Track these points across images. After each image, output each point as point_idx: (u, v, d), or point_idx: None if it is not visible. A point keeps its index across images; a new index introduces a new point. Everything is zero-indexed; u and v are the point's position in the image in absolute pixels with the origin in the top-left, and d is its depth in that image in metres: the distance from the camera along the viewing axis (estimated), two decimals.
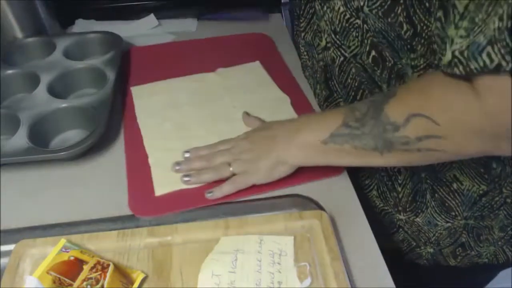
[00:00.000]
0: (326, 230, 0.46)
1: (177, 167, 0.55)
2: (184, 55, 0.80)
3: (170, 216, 0.50)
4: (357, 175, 0.60)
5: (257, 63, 0.75)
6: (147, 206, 0.52)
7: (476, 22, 0.35)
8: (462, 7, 0.36)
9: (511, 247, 0.61)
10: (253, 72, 0.74)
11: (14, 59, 0.74)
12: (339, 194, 0.53)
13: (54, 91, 0.66)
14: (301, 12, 0.62)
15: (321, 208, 0.50)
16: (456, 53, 0.37)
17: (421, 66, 0.48)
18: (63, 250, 0.43)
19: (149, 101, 0.68)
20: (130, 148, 0.60)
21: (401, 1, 0.44)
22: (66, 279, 0.41)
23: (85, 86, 0.72)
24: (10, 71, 0.70)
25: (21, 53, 0.76)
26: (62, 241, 0.44)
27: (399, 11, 0.45)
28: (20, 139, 0.57)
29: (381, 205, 0.62)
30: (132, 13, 0.93)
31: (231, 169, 0.53)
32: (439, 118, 0.40)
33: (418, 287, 0.73)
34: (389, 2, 0.45)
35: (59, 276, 0.41)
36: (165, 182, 0.54)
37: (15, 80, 0.70)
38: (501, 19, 0.33)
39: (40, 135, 0.59)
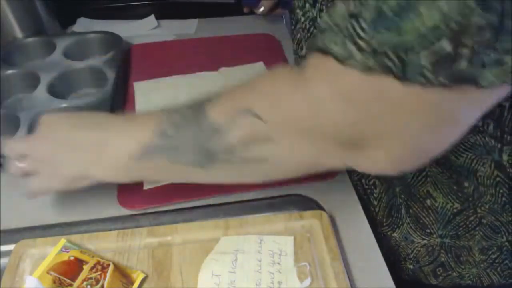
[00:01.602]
0: (326, 230, 0.46)
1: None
2: (188, 53, 0.80)
3: (170, 216, 0.50)
4: None
5: (261, 63, 0.75)
6: (135, 199, 0.52)
7: (334, 6, 0.32)
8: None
9: (495, 271, 0.58)
10: (256, 73, 0.73)
11: (14, 59, 0.74)
12: (339, 194, 0.53)
13: (54, 91, 0.66)
14: (290, 20, 0.61)
15: (321, 208, 0.50)
16: (315, 32, 0.35)
17: None
18: (63, 250, 0.43)
19: (150, 97, 0.69)
20: None
21: None
22: (66, 279, 0.41)
23: (85, 86, 0.72)
24: (10, 71, 0.70)
25: (21, 53, 0.76)
26: (62, 241, 0.44)
27: None
28: None
29: None
30: (132, 13, 0.93)
31: (20, 164, 0.44)
32: (267, 115, 0.35)
33: None
34: None
35: (59, 276, 0.41)
36: None
37: (15, 80, 0.70)
38: (345, 3, 0.31)
39: None
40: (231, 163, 0.38)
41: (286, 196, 0.52)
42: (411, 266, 0.61)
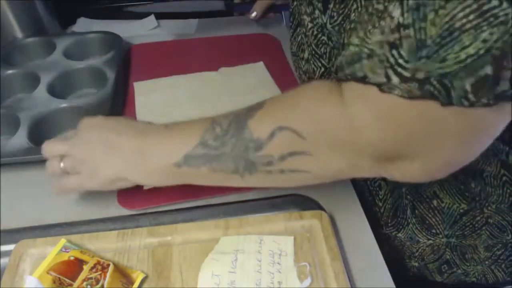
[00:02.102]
0: (326, 230, 0.46)
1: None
2: (188, 53, 0.80)
3: (170, 216, 0.50)
4: None
5: (261, 63, 0.75)
6: (135, 199, 0.52)
7: (366, 32, 0.33)
8: (362, 16, 0.35)
9: (500, 268, 0.59)
10: (255, 73, 0.74)
11: (14, 59, 0.74)
12: (339, 194, 0.53)
13: (54, 91, 0.66)
14: (289, 23, 0.60)
15: (321, 208, 0.50)
16: (343, 59, 0.35)
17: None
18: (63, 250, 0.43)
19: (150, 97, 0.69)
20: None
21: None
22: (66, 279, 0.41)
23: (85, 86, 0.72)
24: (10, 71, 0.70)
25: (21, 53, 0.76)
26: (62, 241, 0.44)
27: None
28: (20, 139, 0.57)
29: None
30: (132, 13, 0.93)
31: (62, 164, 0.46)
32: (305, 130, 0.37)
33: None
34: (347, 20, 0.43)
35: (59, 276, 0.41)
36: None
37: (15, 80, 0.70)
38: (382, 32, 0.31)
39: (40, 135, 0.59)
40: (269, 173, 0.40)
41: (286, 196, 0.52)
42: (416, 264, 0.61)
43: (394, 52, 0.31)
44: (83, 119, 0.48)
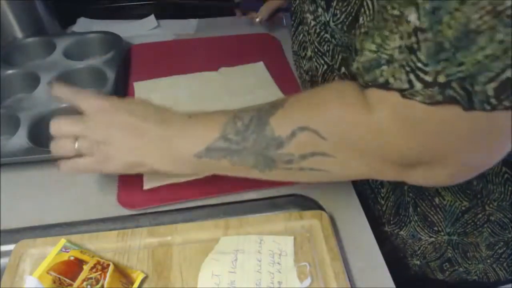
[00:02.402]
0: (326, 230, 0.46)
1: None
2: (188, 53, 0.80)
3: (170, 216, 0.50)
4: None
5: (261, 63, 0.75)
6: (135, 199, 0.52)
7: (383, 37, 0.33)
8: (377, 22, 0.35)
9: (501, 266, 0.60)
10: (255, 73, 0.74)
11: (14, 59, 0.74)
12: (339, 194, 0.53)
13: None
14: (291, 22, 0.61)
15: (321, 208, 0.50)
16: (359, 65, 0.35)
17: None
18: (63, 250, 0.43)
19: (150, 97, 0.68)
20: None
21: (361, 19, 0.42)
22: (66, 279, 0.41)
23: (85, 86, 0.71)
24: (10, 71, 0.70)
25: (21, 53, 0.76)
26: (62, 241, 0.44)
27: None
28: (20, 139, 0.57)
29: (366, 216, 0.60)
30: (132, 13, 0.93)
31: (76, 145, 0.45)
32: (327, 132, 0.37)
33: None
34: (350, 18, 0.43)
35: (59, 276, 0.41)
36: (155, 176, 0.54)
37: (15, 80, 0.70)
38: (401, 37, 0.31)
39: (40, 135, 0.59)
40: (288, 170, 0.40)
41: (286, 196, 0.52)
42: (417, 262, 0.61)
43: (414, 56, 0.31)
44: (93, 100, 0.46)
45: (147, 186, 0.54)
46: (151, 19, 0.92)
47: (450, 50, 0.29)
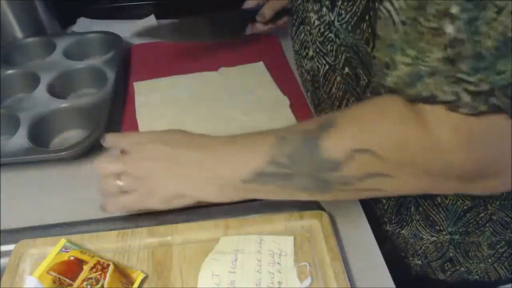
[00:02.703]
0: (326, 230, 0.46)
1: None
2: (188, 53, 0.80)
3: (170, 216, 0.50)
4: None
5: (261, 63, 0.75)
6: None
7: (420, 51, 0.33)
8: (410, 34, 0.34)
9: (503, 265, 0.60)
10: (255, 73, 0.74)
11: (14, 59, 0.74)
12: None
13: (54, 91, 0.66)
14: (292, 21, 0.60)
15: (321, 208, 0.50)
16: (395, 79, 0.35)
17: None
18: (63, 250, 0.43)
19: (150, 97, 0.69)
20: None
21: (367, 18, 0.42)
22: (66, 279, 0.41)
23: (85, 86, 0.72)
24: (10, 71, 0.70)
25: (21, 53, 0.76)
26: (62, 241, 0.44)
27: (364, 27, 0.43)
28: (20, 139, 0.57)
29: (368, 215, 0.60)
30: (132, 13, 0.93)
31: (119, 183, 0.45)
32: (385, 154, 0.36)
33: None
34: (355, 18, 0.43)
35: (59, 276, 0.41)
36: None
37: (15, 80, 0.70)
38: (443, 49, 0.31)
39: (40, 135, 0.59)
40: (345, 191, 0.40)
41: None
42: (419, 262, 0.61)
43: (455, 67, 0.31)
44: (130, 137, 0.47)
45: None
46: (151, 19, 0.92)
47: (490, 59, 0.30)
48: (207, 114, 0.65)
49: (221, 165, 0.42)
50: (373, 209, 0.59)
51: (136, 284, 0.42)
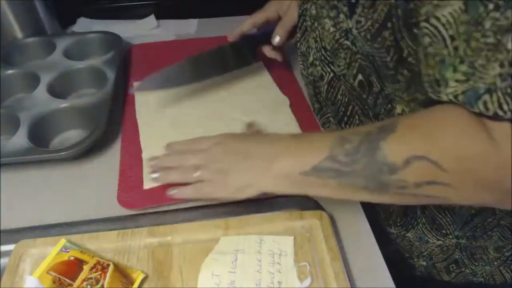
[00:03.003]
0: (326, 230, 0.46)
1: (151, 163, 0.54)
2: (186, 53, 0.80)
3: (170, 216, 0.50)
4: None
5: (261, 63, 0.75)
6: (134, 199, 0.52)
7: (476, 67, 0.33)
8: (462, 50, 0.33)
9: (508, 268, 0.59)
10: (255, 73, 0.73)
11: (14, 59, 0.74)
12: None
13: (54, 91, 0.66)
14: (298, 23, 0.60)
15: (321, 208, 0.50)
16: (451, 96, 0.35)
17: (406, 99, 0.46)
18: (63, 250, 0.43)
19: (150, 97, 0.69)
20: (127, 143, 0.61)
21: (389, 25, 0.41)
22: (66, 279, 0.41)
23: (85, 86, 0.72)
24: (10, 71, 0.70)
25: (21, 53, 0.76)
26: (62, 241, 0.44)
27: (386, 35, 0.42)
28: (20, 139, 0.57)
29: (373, 217, 0.59)
30: (132, 13, 0.93)
31: (197, 174, 0.49)
32: (448, 165, 0.36)
33: None
34: (376, 26, 0.42)
35: (59, 276, 0.41)
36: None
37: (15, 80, 0.70)
38: (502, 65, 0.31)
39: (40, 135, 0.59)
40: (401, 195, 0.40)
41: (286, 196, 0.52)
42: (424, 263, 0.61)
43: None
44: (210, 138, 0.52)
45: (147, 185, 0.54)
46: (151, 19, 0.92)
47: None
48: (208, 113, 0.65)
49: (281, 157, 0.45)
50: (377, 211, 0.58)
51: (136, 284, 0.42)
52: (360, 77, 0.49)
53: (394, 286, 0.44)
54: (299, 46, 0.61)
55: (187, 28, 0.90)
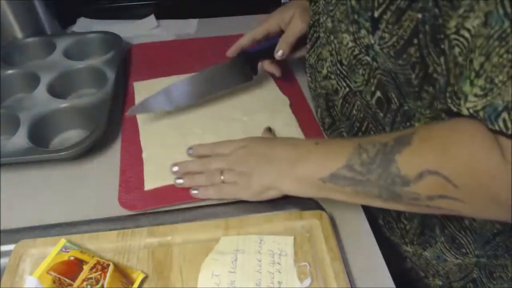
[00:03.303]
0: (326, 230, 0.46)
1: (175, 169, 0.54)
2: (186, 53, 0.80)
3: (170, 216, 0.50)
4: None
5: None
6: (135, 200, 0.52)
7: (495, 83, 0.32)
8: (478, 64, 0.33)
9: None
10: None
11: (14, 59, 0.74)
12: None
13: (54, 91, 0.66)
14: (308, 35, 0.58)
15: (321, 208, 0.50)
16: (471, 111, 0.34)
17: (428, 115, 0.45)
18: (63, 250, 0.43)
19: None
20: (127, 143, 0.61)
21: (415, 42, 0.40)
22: (66, 279, 0.41)
23: (85, 86, 0.72)
24: (10, 71, 0.70)
25: (21, 53, 0.76)
26: (62, 241, 0.44)
27: (412, 51, 0.41)
28: (20, 139, 0.57)
29: (388, 234, 0.59)
30: (132, 13, 0.93)
31: (222, 177, 0.51)
32: (459, 181, 0.36)
33: None
34: (402, 42, 0.41)
35: (59, 276, 0.41)
36: (156, 177, 0.55)
37: (15, 80, 0.70)
38: None
39: (40, 135, 0.59)
40: (413, 205, 0.41)
41: (286, 196, 0.52)
42: (439, 282, 0.59)
43: None
44: (233, 142, 0.54)
45: (148, 186, 0.54)
46: (151, 19, 0.92)
47: None
48: (208, 113, 0.65)
49: (302, 162, 0.47)
50: (393, 228, 0.57)
51: (136, 284, 0.42)
52: (378, 94, 0.48)
53: (394, 286, 0.44)
54: (308, 57, 0.60)
55: (187, 28, 0.90)
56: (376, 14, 0.41)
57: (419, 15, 0.38)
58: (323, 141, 0.48)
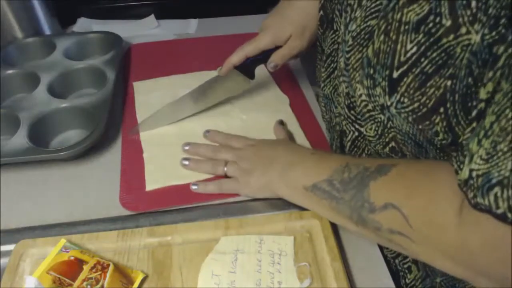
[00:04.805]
0: (326, 230, 0.46)
1: (186, 148, 0.57)
2: (186, 53, 0.80)
3: (170, 216, 0.50)
4: None
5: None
6: (136, 201, 0.52)
7: (497, 150, 0.28)
8: (488, 122, 0.30)
9: None
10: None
11: (14, 59, 0.74)
12: None
13: (54, 91, 0.66)
14: (322, 63, 0.56)
15: None
16: (474, 174, 0.30)
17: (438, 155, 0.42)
18: (63, 250, 0.43)
19: (150, 96, 0.69)
20: (127, 143, 0.61)
21: (441, 111, 0.36)
22: (66, 279, 0.41)
23: (85, 86, 0.72)
24: (10, 71, 0.70)
25: (21, 53, 0.76)
26: (62, 241, 0.44)
27: (437, 120, 0.36)
28: (20, 139, 0.57)
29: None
30: (132, 13, 0.93)
31: (226, 168, 0.53)
32: (415, 223, 0.36)
33: None
34: (424, 110, 0.36)
35: (59, 276, 0.41)
36: (157, 177, 0.55)
37: (15, 80, 0.70)
38: None
39: (40, 135, 0.59)
40: (377, 236, 0.41)
41: None
42: (438, 280, 0.56)
43: None
44: (244, 139, 0.57)
45: (149, 187, 0.54)
46: (151, 19, 0.92)
47: None
48: (207, 113, 0.65)
49: (294, 168, 0.48)
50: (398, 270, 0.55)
51: (136, 284, 0.42)
52: (392, 144, 0.45)
53: (394, 286, 0.44)
54: (323, 87, 0.58)
55: (187, 28, 0.90)
56: (395, 75, 0.37)
57: (448, 82, 0.34)
58: (319, 153, 0.49)
